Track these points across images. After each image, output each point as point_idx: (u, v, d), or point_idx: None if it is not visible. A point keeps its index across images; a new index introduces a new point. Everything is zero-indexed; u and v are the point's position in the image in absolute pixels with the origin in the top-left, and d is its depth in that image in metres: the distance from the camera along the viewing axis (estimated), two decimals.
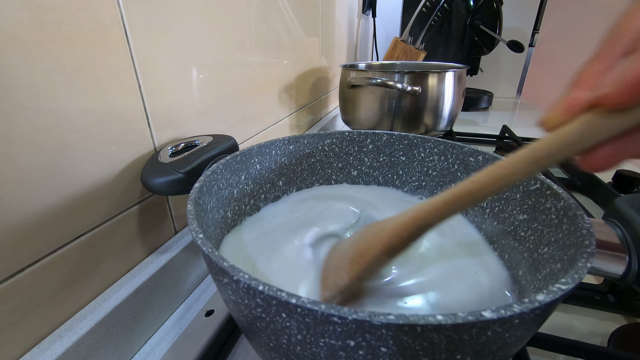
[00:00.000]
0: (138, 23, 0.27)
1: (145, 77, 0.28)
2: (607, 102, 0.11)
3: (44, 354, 0.21)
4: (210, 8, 0.35)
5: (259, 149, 0.30)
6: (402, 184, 0.35)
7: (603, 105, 0.11)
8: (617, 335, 0.28)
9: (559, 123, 0.12)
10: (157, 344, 0.28)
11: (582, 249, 0.16)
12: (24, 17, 0.19)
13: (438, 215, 0.16)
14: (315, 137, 0.33)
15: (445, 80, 0.57)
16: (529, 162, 0.14)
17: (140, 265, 0.29)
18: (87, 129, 0.23)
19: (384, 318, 0.11)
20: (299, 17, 0.60)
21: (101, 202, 0.25)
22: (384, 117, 0.60)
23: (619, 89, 0.11)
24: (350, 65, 0.70)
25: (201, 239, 0.16)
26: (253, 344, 0.19)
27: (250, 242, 0.26)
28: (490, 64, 1.20)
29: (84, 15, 0.22)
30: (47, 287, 0.22)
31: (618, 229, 0.24)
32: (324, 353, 0.14)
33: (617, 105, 0.11)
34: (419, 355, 0.12)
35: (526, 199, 0.24)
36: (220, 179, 0.26)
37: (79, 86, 0.22)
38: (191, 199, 0.20)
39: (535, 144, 0.13)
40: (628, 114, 0.11)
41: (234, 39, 0.40)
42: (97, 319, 0.23)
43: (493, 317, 0.11)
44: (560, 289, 0.13)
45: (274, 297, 0.13)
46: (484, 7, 0.97)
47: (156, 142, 0.30)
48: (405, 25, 0.98)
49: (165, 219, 0.32)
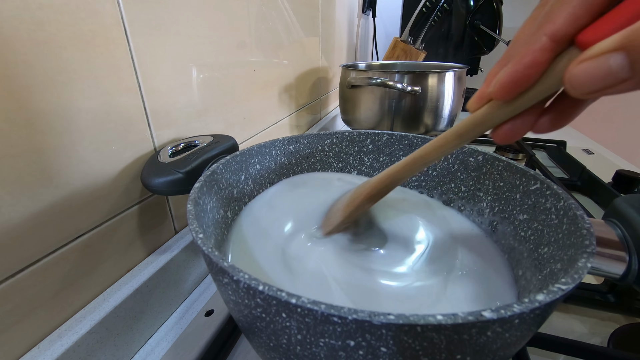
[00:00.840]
0: (138, 23, 0.27)
1: (145, 77, 0.28)
2: (494, 97, 0.15)
3: (44, 354, 0.21)
4: (210, 8, 0.35)
5: (259, 149, 0.30)
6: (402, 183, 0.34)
7: (494, 99, 0.16)
8: (617, 335, 0.28)
9: (474, 108, 0.17)
10: (157, 344, 0.28)
11: (582, 249, 0.16)
12: (24, 17, 0.19)
13: (402, 173, 0.22)
14: (315, 137, 0.33)
15: (445, 80, 0.57)
16: (455, 135, 0.18)
17: (140, 265, 0.29)
18: (87, 128, 0.23)
19: (384, 318, 0.11)
20: (299, 17, 0.60)
21: (101, 202, 0.25)
22: (384, 117, 0.60)
23: (496, 88, 0.15)
24: (350, 65, 0.70)
25: (201, 239, 0.16)
26: (253, 344, 0.19)
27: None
28: (490, 64, 1.20)
29: (84, 15, 0.22)
30: (47, 287, 0.22)
31: (618, 229, 0.24)
32: (324, 353, 0.14)
33: (500, 99, 0.15)
34: (419, 355, 0.13)
35: (526, 199, 0.24)
36: (220, 179, 0.26)
37: (79, 86, 0.22)
38: (191, 199, 0.20)
39: (459, 122, 0.18)
40: (512, 104, 0.15)
41: (234, 39, 0.40)
42: (97, 319, 0.23)
43: (493, 317, 0.11)
44: (560, 289, 0.13)
45: (274, 297, 0.13)
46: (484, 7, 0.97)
47: (156, 142, 0.30)
48: (405, 25, 0.98)
49: (165, 219, 0.32)
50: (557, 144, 0.71)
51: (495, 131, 0.17)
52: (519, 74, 0.14)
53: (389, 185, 0.23)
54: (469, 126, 0.18)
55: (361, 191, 0.24)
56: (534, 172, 0.24)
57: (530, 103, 0.15)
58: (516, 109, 0.15)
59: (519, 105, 0.15)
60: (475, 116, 0.17)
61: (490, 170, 0.28)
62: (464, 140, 0.18)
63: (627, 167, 0.60)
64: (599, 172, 0.53)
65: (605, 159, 0.70)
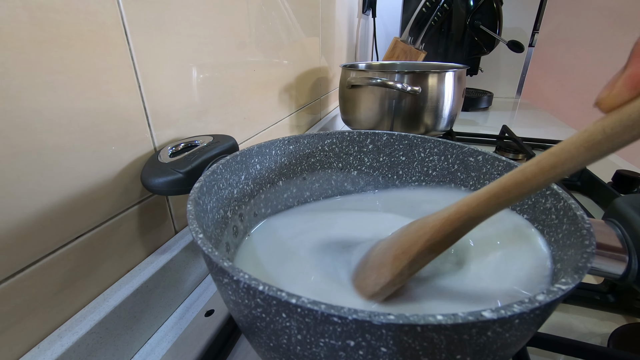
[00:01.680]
0: (138, 23, 0.27)
1: (145, 77, 0.28)
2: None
3: (44, 354, 0.21)
4: (210, 8, 0.35)
5: (259, 149, 0.30)
6: (402, 184, 0.34)
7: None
8: (617, 335, 0.28)
9: (620, 102, 0.11)
10: (157, 344, 0.28)
11: (582, 249, 0.16)
12: (24, 17, 0.19)
13: (483, 209, 0.15)
14: (315, 137, 0.33)
15: (445, 80, 0.57)
16: (584, 146, 0.12)
17: (140, 265, 0.29)
18: (87, 129, 0.23)
19: (384, 318, 0.11)
20: (299, 17, 0.60)
21: (101, 202, 0.25)
22: (384, 117, 0.60)
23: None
24: (350, 65, 0.70)
25: (201, 239, 0.16)
26: (253, 344, 0.19)
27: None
28: (490, 64, 1.20)
29: (84, 15, 0.22)
30: (47, 287, 0.22)
31: (618, 229, 0.24)
32: (324, 353, 0.14)
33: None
34: (419, 355, 0.12)
35: (526, 199, 0.24)
36: (220, 179, 0.26)
37: (79, 86, 0.22)
38: (191, 199, 0.20)
39: (590, 126, 0.11)
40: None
41: (234, 39, 0.40)
42: (97, 319, 0.23)
43: (493, 317, 0.11)
44: (560, 289, 0.13)
45: (274, 297, 0.13)
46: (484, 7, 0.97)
47: (156, 142, 0.30)
48: (405, 25, 0.98)
49: (165, 219, 0.32)
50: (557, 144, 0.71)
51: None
52: None
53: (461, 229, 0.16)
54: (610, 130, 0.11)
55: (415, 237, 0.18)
56: None
57: None
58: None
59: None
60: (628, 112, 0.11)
61: (490, 171, 0.28)
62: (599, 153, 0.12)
63: (627, 167, 0.60)
64: (599, 172, 0.53)
65: (605, 159, 0.69)
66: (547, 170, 0.13)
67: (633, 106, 0.10)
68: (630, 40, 0.12)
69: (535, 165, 0.13)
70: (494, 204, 0.15)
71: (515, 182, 0.14)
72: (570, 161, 0.12)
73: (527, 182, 0.13)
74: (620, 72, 0.11)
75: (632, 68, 0.10)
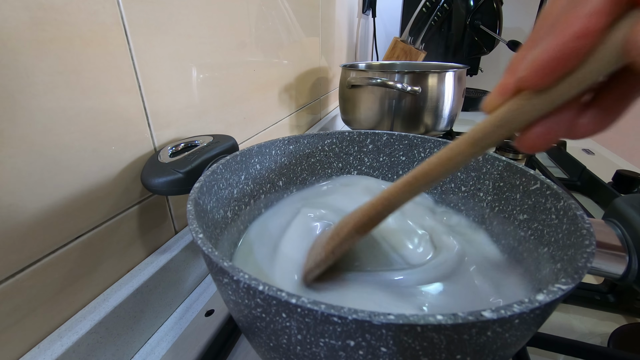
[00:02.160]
0: (138, 23, 0.27)
1: (145, 77, 0.28)
2: (525, 85, 0.12)
3: (44, 354, 0.21)
4: (210, 8, 0.35)
5: (259, 149, 0.30)
6: None
7: (524, 88, 0.12)
8: (617, 335, 0.28)
9: (494, 106, 0.13)
10: (157, 344, 0.28)
11: (582, 249, 0.16)
12: (24, 17, 0.19)
13: (400, 195, 0.17)
14: (315, 137, 0.33)
15: (445, 80, 0.57)
16: (469, 143, 0.14)
17: (140, 265, 0.29)
18: (87, 129, 0.23)
19: (384, 318, 0.11)
20: (299, 17, 0.60)
21: (101, 202, 0.25)
22: (384, 117, 0.60)
23: (531, 72, 0.12)
24: (350, 65, 0.70)
25: (201, 239, 0.16)
26: (253, 344, 0.19)
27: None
28: (490, 64, 1.20)
29: (84, 15, 0.22)
30: (47, 287, 0.22)
31: (618, 229, 0.24)
32: (324, 353, 0.14)
33: (533, 87, 0.12)
34: (419, 355, 0.12)
35: (526, 199, 0.24)
36: (220, 179, 0.26)
37: (79, 86, 0.22)
38: (191, 199, 0.20)
39: (475, 126, 0.14)
40: (548, 94, 0.12)
41: (234, 39, 0.40)
42: (97, 319, 0.23)
43: (493, 317, 0.11)
44: (560, 289, 0.13)
45: (274, 297, 0.13)
46: (484, 7, 0.97)
47: (156, 142, 0.30)
48: (405, 25, 0.98)
49: (165, 219, 0.32)
50: (557, 144, 0.71)
51: (524, 136, 0.13)
52: (564, 48, 0.11)
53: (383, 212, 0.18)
54: (488, 129, 0.14)
55: (348, 220, 0.20)
56: (534, 172, 0.24)
57: (574, 91, 0.12)
58: (553, 101, 0.12)
59: (558, 95, 0.12)
60: (497, 116, 0.13)
61: (490, 170, 0.28)
62: (481, 147, 0.14)
63: (627, 167, 0.60)
64: (599, 172, 0.53)
65: (605, 159, 0.70)
66: (445, 161, 0.15)
67: (501, 110, 0.13)
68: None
69: (436, 158, 0.16)
70: (407, 190, 0.17)
71: (422, 171, 0.16)
72: (460, 154, 0.15)
73: (431, 171, 0.16)
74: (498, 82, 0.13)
75: (503, 79, 0.13)
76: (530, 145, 0.13)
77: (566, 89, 0.12)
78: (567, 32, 0.11)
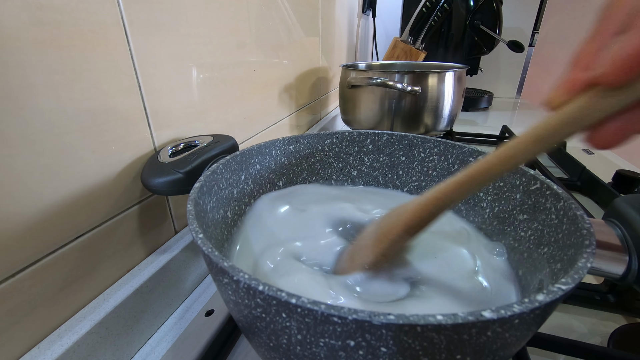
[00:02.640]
0: (138, 23, 0.27)
1: (145, 77, 0.28)
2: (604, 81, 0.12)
3: (44, 354, 0.21)
4: (210, 8, 0.35)
5: (259, 149, 0.30)
6: (402, 184, 0.35)
7: (601, 84, 0.12)
8: (617, 335, 0.28)
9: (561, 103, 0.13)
10: (157, 344, 0.28)
11: (582, 249, 0.16)
12: (24, 17, 0.19)
13: (453, 194, 0.17)
14: (315, 137, 0.33)
15: (445, 80, 0.57)
16: (533, 140, 0.14)
17: (140, 265, 0.29)
18: (87, 129, 0.23)
19: (384, 318, 0.11)
20: (299, 17, 0.60)
21: (101, 202, 0.25)
22: (384, 117, 0.60)
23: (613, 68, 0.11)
24: (350, 65, 0.70)
25: (201, 239, 0.16)
26: (253, 344, 0.19)
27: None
28: (490, 64, 1.20)
29: (84, 15, 0.22)
30: (47, 287, 0.22)
31: (618, 229, 0.24)
32: (324, 353, 0.14)
33: (613, 84, 0.12)
34: (419, 355, 0.12)
35: (526, 199, 0.24)
36: (220, 179, 0.26)
37: (79, 86, 0.22)
38: (191, 199, 0.20)
39: (539, 123, 0.14)
40: (626, 91, 0.11)
41: (234, 39, 0.40)
42: (97, 319, 0.23)
43: (493, 317, 0.11)
44: (560, 289, 0.13)
45: (274, 297, 0.13)
46: (484, 7, 0.97)
47: (156, 142, 0.30)
48: (405, 25, 0.98)
49: (165, 219, 0.32)
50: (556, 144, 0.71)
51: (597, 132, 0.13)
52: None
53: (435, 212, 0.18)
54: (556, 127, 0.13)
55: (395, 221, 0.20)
56: (534, 172, 0.24)
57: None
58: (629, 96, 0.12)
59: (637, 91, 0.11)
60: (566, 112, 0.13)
61: None
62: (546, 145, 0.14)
63: (627, 167, 0.60)
64: (599, 172, 0.53)
65: (605, 159, 0.70)
66: (505, 160, 0.15)
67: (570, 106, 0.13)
68: None
69: (495, 157, 0.15)
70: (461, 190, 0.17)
71: (479, 170, 0.16)
72: (523, 153, 0.15)
73: (489, 170, 0.16)
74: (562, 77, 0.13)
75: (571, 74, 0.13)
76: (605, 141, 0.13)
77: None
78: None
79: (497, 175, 0.16)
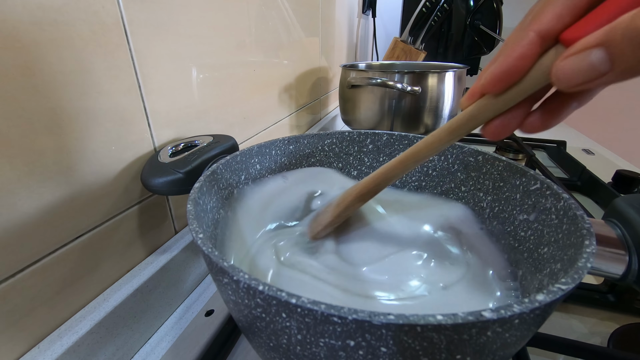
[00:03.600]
0: (138, 23, 0.27)
1: (145, 77, 0.28)
2: (485, 90, 0.16)
3: (44, 354, 0.21)
4: (210, 8, 0.35)
5: (259, 149, 0.30)
6: (402, 184, 0.35)
7: (486, 93, 0.16)
8: (617, 335, 0.28)
9: (466, 105, 0.18)
10: (157, 344, 0.28)
11: (582, 249, 0.16)
12: (24, 17, 0.19)
13: (395, 171, 0.22)
14: (315, 137, 0.33)
15: (445, 80, 0.57)
16: (447, 131, 0.19)
17: (140, 265, 0.29)
18: (87, 128, 0.23)
19: (384, 318, 0.11)
20: (299, 17, 0.60)
21: (101, 202, 0.25)
22: (384, 117, 0.60)
23: (487, 81, 0.15)
24: (350, 65, 0.70)
25: (201, 239, 0.16)
26: (253, 344, 0.19)
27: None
28: None
29: (84, 15, 0.22)
30: (47, 287, 0.22)
31: (618, 229, 0.24)
32: (324, 353, 0.14)
33: (491, 92, 0.16)
34: (419, 355, 0.12)
35: (526, 199, 0.24)
36: (220, 179, 0.26)
37: (79, 86, 0.22)
38: (191, 199, 0.20)
39: (452, 119, 0.18)
40: (502, 97, 0.16)
41: (234, 39, 0.40)
42: (97, 319, 0.23)
43: (493, 317, 0.11)
44: (560, 289, 0.13)
45: (274, 297, 0.13)
46: (484, 7, 0.97)
47: (156, 142, 0.30)
48: (405, 25, 0.98)
49: (165, 219, 0.32)
50: (557, 144, 0.71)
51: (486, 126, 0.17)
52: (508, 66, 0.15)
53: (381, 184, 0.23)
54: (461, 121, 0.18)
55: (352, 191, 0.25)
56: (534, 172, 0.24)
57: (519, 97, 0.15)
58: (506, 102, 0.16)
59: (509, 98, 0.16)
60: (467, 111, 0.18)
61: (490, 170, 0.28)
62: (456, 135, 0.19)
63: (627, 167, 0.60)
64: (599, 172, 0.53)
65: (605, 159, 0.70)
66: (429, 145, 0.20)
67: (471, 107, 0.17)
68: None
69: (422, 142, 0.20)
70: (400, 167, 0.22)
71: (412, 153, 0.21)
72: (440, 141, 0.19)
73: (418, 153, 0.20)
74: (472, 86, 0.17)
75: (473, 85, 0.17)
76: (492, 134, 0.17)
77: (514, 95, 0.15)
78: (512, 54, 0.14)
79: (426, 157, 0.20)
